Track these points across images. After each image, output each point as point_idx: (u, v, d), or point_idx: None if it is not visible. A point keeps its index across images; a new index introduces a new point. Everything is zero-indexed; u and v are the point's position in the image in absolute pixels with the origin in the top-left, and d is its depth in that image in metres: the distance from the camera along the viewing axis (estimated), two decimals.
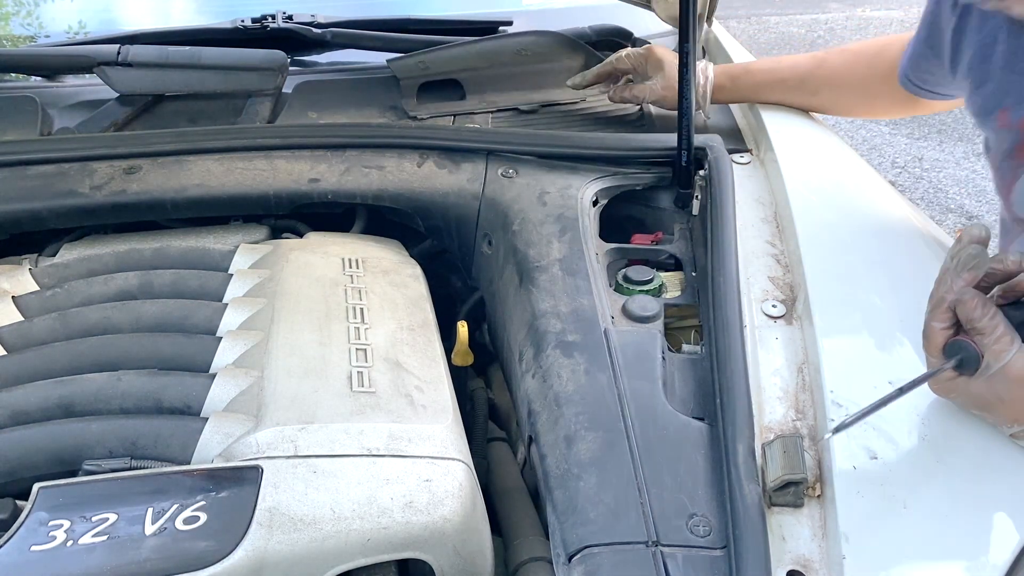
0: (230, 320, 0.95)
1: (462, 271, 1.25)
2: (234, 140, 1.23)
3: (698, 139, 1.13)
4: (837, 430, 0.73)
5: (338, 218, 1.24)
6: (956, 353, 0.74)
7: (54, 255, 1.12)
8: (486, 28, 1.62)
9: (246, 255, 1.08)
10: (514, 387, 0.97)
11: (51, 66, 1.51)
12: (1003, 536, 0.70)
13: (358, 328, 0.93)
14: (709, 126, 1.32)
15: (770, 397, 0.84)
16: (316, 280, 1.01)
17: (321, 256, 1.07)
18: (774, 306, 0.95)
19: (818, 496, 0.75)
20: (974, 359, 0.73)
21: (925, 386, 0.78)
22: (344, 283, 1.01)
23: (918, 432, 0.77)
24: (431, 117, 1.36)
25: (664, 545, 0.72)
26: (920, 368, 0.83)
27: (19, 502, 0.72)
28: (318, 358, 0.88)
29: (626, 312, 0.96)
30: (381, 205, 1.20)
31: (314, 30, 1.58)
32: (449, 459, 0.78)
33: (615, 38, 1.55)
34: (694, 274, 1.05)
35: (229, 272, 1.05)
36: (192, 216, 1.18)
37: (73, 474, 0.78)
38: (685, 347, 0.95)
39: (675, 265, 1.10)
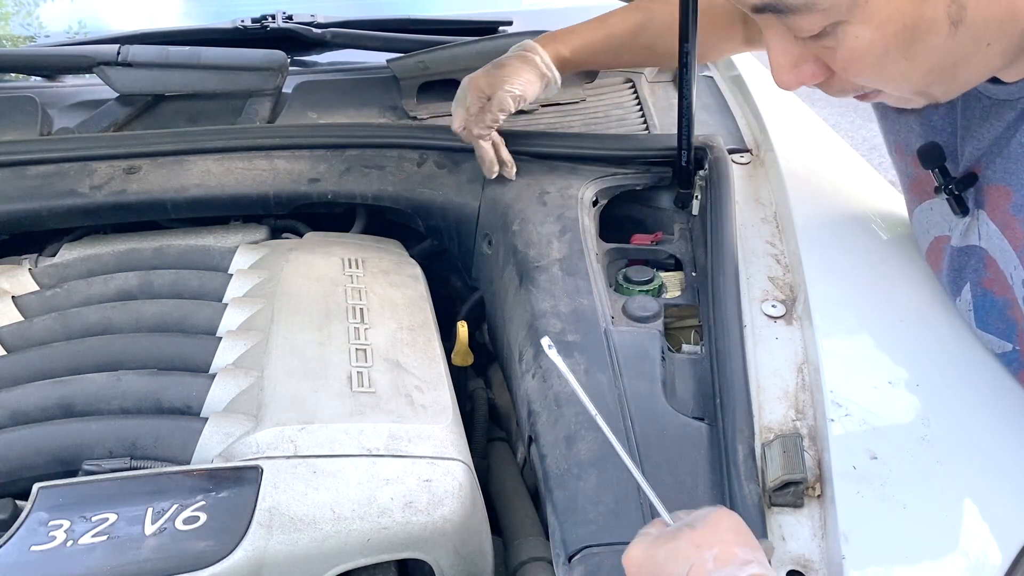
0: (230, 320, 0.95)
1: (462, 271, 1.25)
2: (234, 140, 1.23)
3: (698, 139, 1.13)
4: None
5: (338, 218, 1.24)
6: None
7: (54, 255, 1.12)
8: (486, 28, 1.61)
9: (246, 255, 1.08)
10: (514, 387, 0.97)
11: (51, 66, 1.51)
12: (1003, 536, 0.70)
13: (358, 328, 0.93)
14: (710, 125, 1.32)
15: (770, 397, 0.84)
16: (316, 280, 1.01)
17: (321, 256, 1.07)
18: (774, 306, 0.95)
19: (818, 496, 0.75)
20: None
21: (929, 380, 0.77)
22: (344, 283, 1.01)
23: (918, 432, 0.77)
24: (431, 117, 1.36)
25: None
26: (920, 364, 0.84)
27: (19, 502, 0.72)
28: (318, 358, 0.88)
29: (626, 312, 0.96)
30: (381, 205, 1.20)
31: (314, 30, 1.58)
32: (449, 459, 0.79)
33: None
34: (694, 274, 1.05)
35: (229, 272, 1.05)
36: (192, 216, 1.18)
37: (73, 474, 0.78)
38: (685, 347, 0.95)
39: (675, 265, 1.09)
